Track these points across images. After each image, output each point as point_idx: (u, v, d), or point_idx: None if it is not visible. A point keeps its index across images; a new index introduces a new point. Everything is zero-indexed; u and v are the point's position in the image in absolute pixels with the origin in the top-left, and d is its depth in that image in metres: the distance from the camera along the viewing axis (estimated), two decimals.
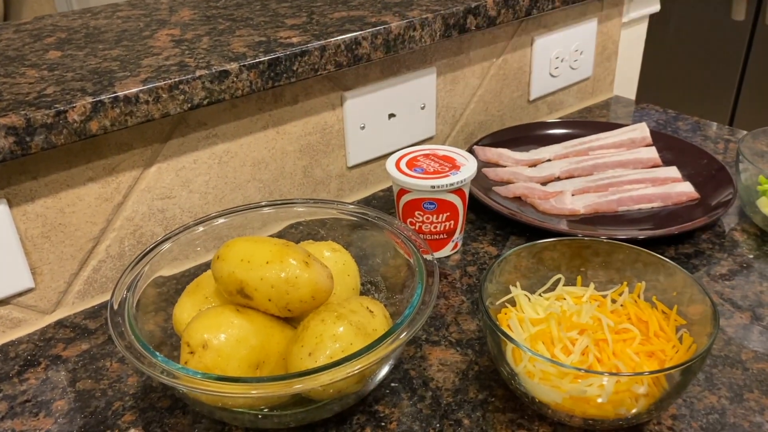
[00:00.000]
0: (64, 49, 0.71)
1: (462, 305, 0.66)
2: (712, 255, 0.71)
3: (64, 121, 0.56)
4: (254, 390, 0.45)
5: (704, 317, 0.51)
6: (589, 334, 0.52)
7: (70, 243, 0.65)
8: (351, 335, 0.49)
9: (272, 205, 0.63)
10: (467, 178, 0.69)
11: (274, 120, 0.74)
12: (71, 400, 0.56)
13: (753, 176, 0.74)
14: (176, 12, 0.83)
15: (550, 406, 0.50)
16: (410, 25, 0.76)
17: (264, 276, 0.50)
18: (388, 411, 0.54)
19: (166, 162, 0.68)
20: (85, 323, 0.65)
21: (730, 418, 0.52)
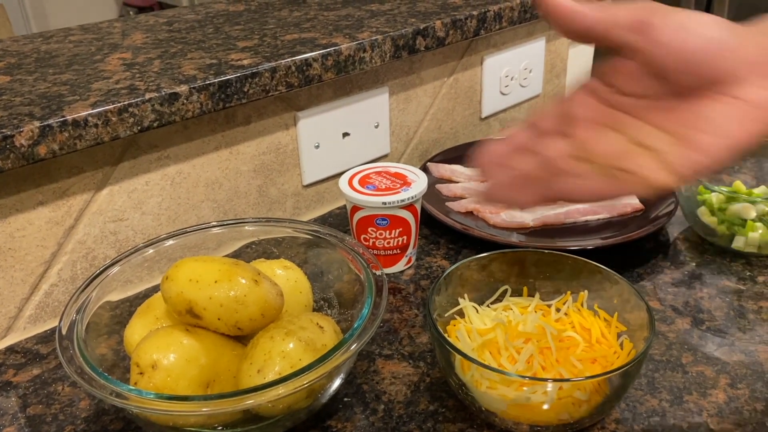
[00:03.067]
0: (13, 74, 0.71)
1: (415, 318, 0.67)
2: (656, 263, 0.74)
3: (11, 146, 0.56)
4: (204, 408, 0.46)
5: (643, 323, 0.53)
6: (534, 343, 0.54)
7: (20, 267, 0.64)
8: (300, 351, 0.50)
9: (222, 225, 0.64)
10: (418, 194, 0.70)
11: (227, 140, 0.75)
12: (22, 425, 0.56)
13: (693, 187, 0.76)
14: (129, 36, 0.84)
15: (497, 414, 0.51)
16: (360, 46, 0.78)
17: (213, 295, 0.50)
18: (340, 425, 0.55)
19: (118, 184, 0.68)
20: (37, 348, 0.65)
21: (671, 419, 0.54)
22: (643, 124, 0.41)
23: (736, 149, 0.39)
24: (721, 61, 0.38)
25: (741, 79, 0.39)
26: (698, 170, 0.39)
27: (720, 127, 0.39)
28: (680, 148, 0.39)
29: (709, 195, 0.75)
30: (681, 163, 0.39)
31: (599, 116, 0.41)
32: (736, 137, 0.39)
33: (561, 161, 0.41)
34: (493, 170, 0.43)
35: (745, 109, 0.39)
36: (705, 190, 0.76)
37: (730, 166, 0.40)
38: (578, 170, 0.41)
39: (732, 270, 0.73)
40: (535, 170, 0.42)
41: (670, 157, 0.40)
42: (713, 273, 0.72)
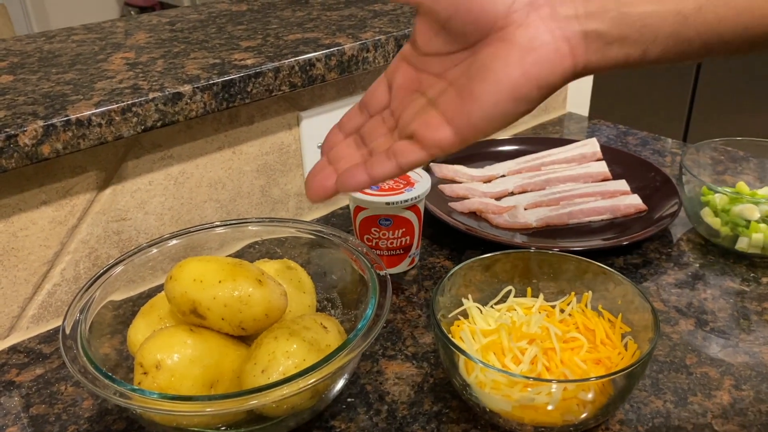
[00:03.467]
0: (16, 73, 0.71)
1: (418, 319, 0.67)
2: (659, 264, 0.74)
3: (14, 145, 0.56)
4: (208, 408, 0.45)
5: (647, 324, 0.53)
6: (538, 344, 0.54)
7: (23, 267, 0.64)
8: (304, 351, 0.50)
9: (226, 225, 0.64)
10: (421, 195, 0.70)
11: (230, 140, 0.75)
12: (24, 425, 0.56)
13: (696, 188, 0.76)
14: (132, 35, 0.84)
15: (501, 415, 0.51)
16: (363, 46, 0.78)
17: (217, 295, 0.50)
18: (344, 426, 0.54)
19: (121, 184, 0.68)
20: (40, 348, 0.65)
21: (675, 421, 0.54)
22: (440, 83, 0.41)
23: (515, 95, 0.38)
24: (493, 5, 0.38)
25: (515, 22, 0.38)
26: (476, 123, 0.39)
27: (493, 73, 0.38)
28: (459, 100, 0.39)
29: (712, 196, 0.75)
30: (459, 116, 0.39)
31: (411, 82, 0.42)
32: (511, 82, 0.38)
33: (379, 142, 0.43)
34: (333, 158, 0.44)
35: (516, 52, 0.38)
36: (708, 191, 0.76)
37: (520, 115, 0.39)
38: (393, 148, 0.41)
39: (735, 271, 0.72)
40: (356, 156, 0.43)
41: (449, 110, 0.39)
42: (717, 274, 0.72)
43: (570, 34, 0.38)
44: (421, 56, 0.42)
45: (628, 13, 0.37)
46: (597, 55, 0.38)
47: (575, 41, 0.38)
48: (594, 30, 0.38)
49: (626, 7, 0.37)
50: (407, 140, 0.41)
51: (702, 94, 2.20)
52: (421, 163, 0.41)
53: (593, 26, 0.38)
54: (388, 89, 0.44)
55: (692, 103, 2.25)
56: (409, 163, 0.41)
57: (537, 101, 0.39)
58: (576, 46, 0.38)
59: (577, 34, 0.38)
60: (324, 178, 0.43)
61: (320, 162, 0.45)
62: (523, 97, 0.38)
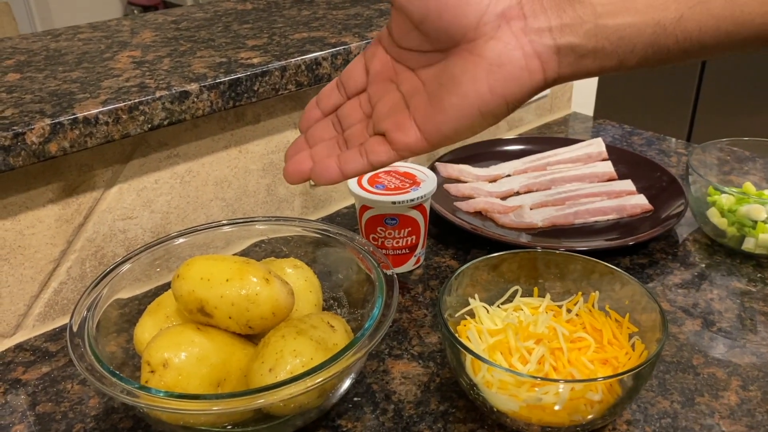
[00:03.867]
0: (23, 72, 0.71)
1: (424, 319, 0.67)
2: (665, 265, 0.74)
3: (22, 143, 0.56)
4: (215, 407, 0.45)
5: (655, 324, 0.53)
6: (545, 344, 0.54)
7: (29, 265, 0.64)
8: (311, 350, 0.50)
9: (233, 223, 0.64)
10: (427, 194, 0.70)
11: (236, 139, 0.75)
12: (31, 423, 0.56)
13: (703, 188, 0.76)
14: (138, 34, 0.84)
15: (509, 414, 0.51)
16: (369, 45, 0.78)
17: (224, 294, 0.50)
18: (350, 425, 0.54)
19: (128, 182, 0.68)
20: (46, 346, 0.65)
21: (682, 421, 0.54)
22: (413, 79, 0.41)
23: (482, 111, 0.38)
24: (464, 16, 0.37)
25: (485, 34, 0.37)
26: (445, 132, 0.39)
27: (461, 87, 0.38)
28: (429, 107, 0.39)
29: (719, 196, 0.75)
30: (428, 123, 0.39)
31: (387, 71, 0.42)
32: (479, 99, 0.37)
33: (354, 131, 0.43)
34: (310, 139, 0.45)
35: (484, 68, 0.37)
36: (715, 192, 0.76)
37: (487, 126, 0.40)
38: (366, 145, 0.42)
39: (742, 272, 0.72)
40: (332, 141, 0.44)
41: (420, 115, 0.40)
42: (723, 274, 0.72)
43: (542, 49, 0.37)
44: (397, 48, 0.41)
45: (605, 26, 0.36)
46: (570, 68, 0.38)
47: (547, 56, 0.37)
48: (567, 44, 0.37)
49: (603, 19, 0.36)
50: (379, 138, 0.41)
51: (706, 94, 2.20)
52: (391, 162, 0.42)
53: (567, 40, 0.37)
54: (365, 72, 0.44)
55: (696, 103, 2.24)
56: (380, 162, 0.41)
57: (505, 115, 0.39)
58: (548, 60, 0.37)
59: (549, 48, 0.37)
60: (300, 162, 0.43)
61: (298, 141, 0.45)
62: (490, 112, 0.38)
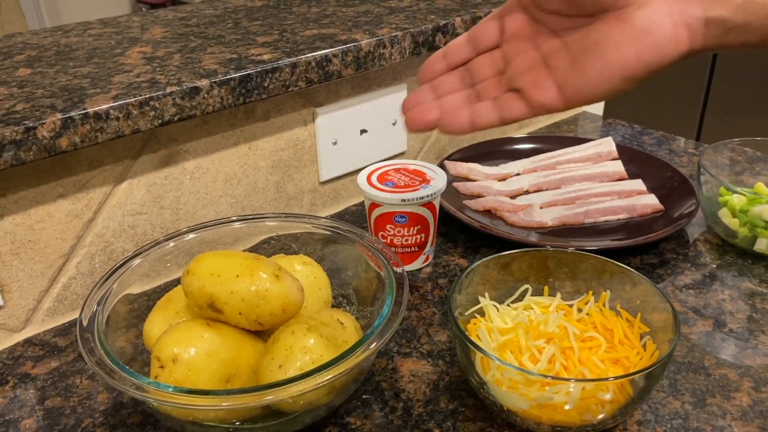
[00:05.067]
0: (34, 67, 0.71)
1: (433, 317, 0.66)
2: (676, 265, 0.73)
3: (33, 138, 0.56)
4: (225, 402, 0.45)
5: (666, 324, 0.53)
6: (556, 343, 0.53)
7: (39, 260, 0.64)
8: (321, 347, 0.50)
9: (243, 219, 0.63)
10: (437, 192, 0.70)
11: (245, 136, 0.75)
12: (40, 418, 0.56)
13: (714, 188, 0.76)
14: (148, 30, 0.84)
15: (519, 413, 0.51)
16: (380, 42, 0.77)
17: (234, 289, 0.50)
18: (359, 423, 0.54)
19: (137, 178, 0.68)
20: (55, 341, 0.65)
21: (693, 422, 0.53)
22: (555, 41, 0.42)
23: (625, 76, 0.39)
24: None
25: (636, 1, 0.38)
26: (584, 94, 0.40)
27: (606, 52, 0.39)
28: (572, 70, 0.40)
29: (730, 196, 0.75)
30: (569, 84, 0.40)
31: (526, 31, 0.43)
32: (623, 64, 0.38)
33: (486, 86, 0.44)
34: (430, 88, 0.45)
35: (632, 35, 0.38)
36: (726, 192, 0.75)
37: (626, 91, 0.40)
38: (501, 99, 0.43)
39: (754, 272, 0.72)
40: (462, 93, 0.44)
41: (560, 76, 0.41)
42: (734, 275, 0.71)
43: (691, 20, 0.38)
44: (540, 11, 0.42)
45: (754, 2, 0.37)
46: (716, 40, 0.39)
47: (695, 27, 0.38)
48: (717, 17, 0.38)
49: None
50: (514, 93, 0.42)
51: (715, 94, 2.19)
52: (524, 118, 0.42)
53: (717, 13, 0.38)
54: (499, 30, 0.44)
55: (706, 103, 2.23)
56: (513, 117, 0.42)
57: (644, 81, 0.40)
58: (696, 32, 0.38)
59: (698, 19, 0.38)
60: (425, 111, 0.43)
61: (419, 91, 0.45)
62: (632, 77, 0.39)
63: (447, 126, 0.43)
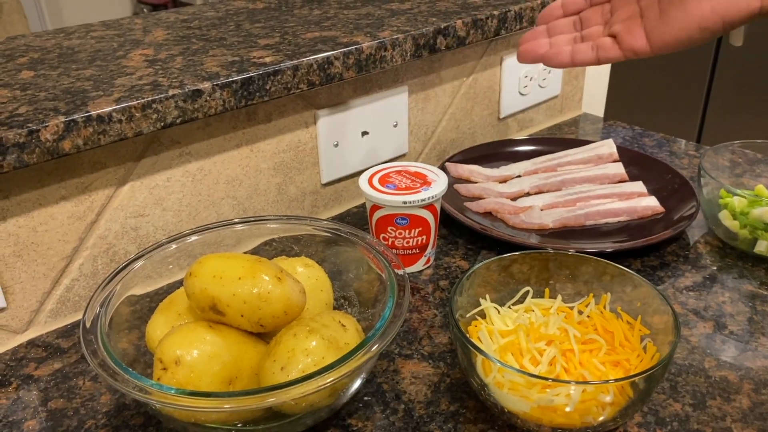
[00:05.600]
0: (37, 69, 0.71)
1: (434, 319, 0.67)
2: (676, 267, 0.73)
3: (36, 141, 0.57)
4: (227, 404, 0.46)
5: (667, 327, 0.53)
6: (557, 345, 0.54)
7: (42, 262, 0.65)
8: (323, 349, 0.50)
9: (245, 221, 0.64)
10: (438, 194, 0.70)
11: (247, 138, 0.75)
12: (43, 419, 0.56)
13: (714, 190, 0.76)
14: (150, 32, 0.84)
15: (519, 416, 0.51)
16: (381, 45, 0.78)
17: (236, 292, 0.50)
18: (361, 424, 0.54)
19: (140, 180, 0.69)
20: (58, 342, 0.65)
21: (694, 424, 0.53)
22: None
23: (705, 29, 0.45)
24: None
25: None
26: (668, 41, 0.47)
27: (688, 4, 0.46)
28: (659, 20, 0.48)
29: (731, 199, 0.75)
30: (655, 32, 0.48)
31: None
32: (700, 15, 0.45)
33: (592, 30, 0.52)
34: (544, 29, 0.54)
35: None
36: (727, 194, 0.75)
37: (705, 41, 0.47)
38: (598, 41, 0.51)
39: (754, 275, 0.72)
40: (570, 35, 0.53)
41: (649, 25, 0.48)
42: (735, 277, 0.72)
43: None
44: None
45: None
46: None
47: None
48: None
49: None
50: (610, 39, 0.50)
51: (716, 96, 2.19)
52: (616, 60, 0.50)
53: None
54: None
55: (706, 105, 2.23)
56: (607, 58, 0.50)
57: (721, 32, 0.46)
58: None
59: None
60: (537, 45, 0.53)
61: (537, 29, 0.54)
62: (708, 27, 0.45)
63: (550, 59, 0.52)
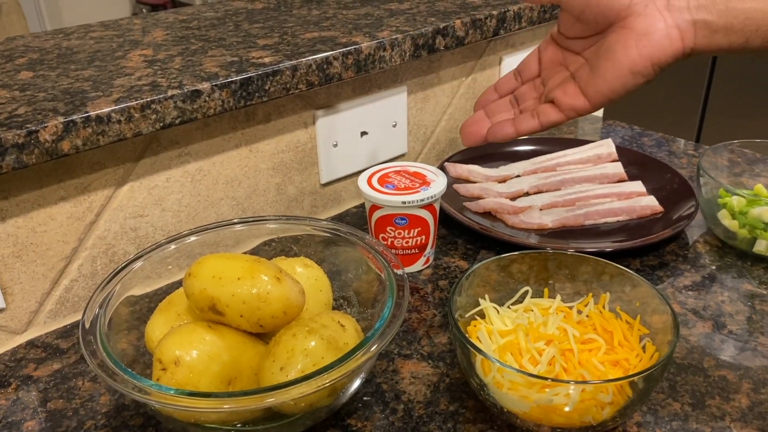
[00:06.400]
0: (36, 70, 0.71)
1: (434, 319, 0.67)
2: (675, 266, 0.74)
3: (35, 141, 0.57)
4: (226, 404, 0.46)
5: (666, 326, 0.53)
6: (556, 345, 0.54)
7: (41, 262, 0.65)
8: (322, 349, 0.50)
9: (244, 222, 0.64)
10: (437, 194, 0.70)
11: (246, 138, 0.75)
12: (42, 420, 0.56)
13: (713, 190, 0.76)
14: (149, 33, 0.84)
15: (519, 415, 0.51)
16: (380, 45, 0.78)
17: (235, 292, 0.50)
18: (360, 424, 0.54)
19: (139, 181, 0.69)
20: (57, 343, 0.65)
21: (693, 424, 0.53)
22: (579, 59, 0.53)
23: (637, 73, 0.48)
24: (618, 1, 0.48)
25: (635, 12, 0.47)
26: (604, 92, 0.50)
27: (615, 54, 0.48)
28: (591, 75, 0.50)
29: (730, 198, 0.75)
30: (590, 87, 0.50)
31: (557, 58, 0.55)
32: (630, 61, 0.48)
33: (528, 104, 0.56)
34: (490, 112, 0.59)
35: (634, 37, 0.47)
36: (726, 194, 0.75)
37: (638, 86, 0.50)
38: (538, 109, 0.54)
39: (753, 274, 0.72)
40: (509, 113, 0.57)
41: (583, 83, 0.51)
42: (734, 277, 0.72)
43: (681, 22, 0.46)
44: (565, 39, 0.54)
45: (734, 8, 0.45)
46: (704, 40, 0.46)
47: (685, 27, 0.46)
48: (702, 19, 0.46)
49: (732, 2, 0.45)
50: (549, 104, 0.53)
51: (715, 96, 2.19)
52: (559, 123, 0.53)
53: (702, 16, 0.46)
54: (538, 62, 0.57)
55: (705, 105, 2.23)
56: (549, 122, 0.53)
57: (651, 75, 0.48)
58: (686, 32, 0.46)
59: (687, 22, 0.46)
60: (479, 128, 0.57)
61: (477, 114, 0.59)
62: (639, 71, 0.48)
63: (495, 134, 0.55)
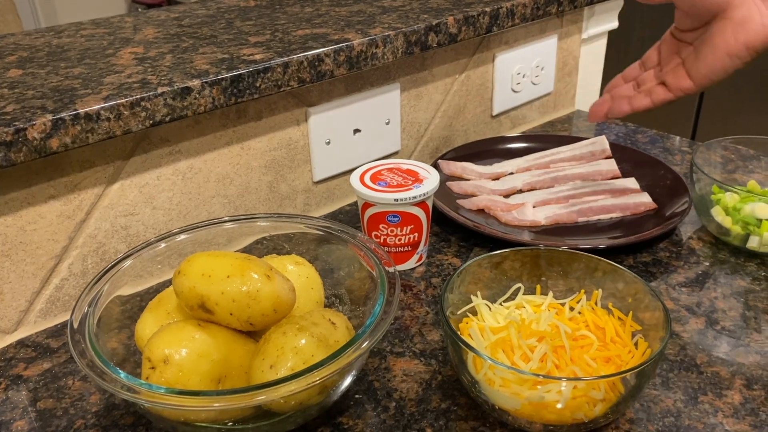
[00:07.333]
0: (25, 68, 0.70)
1: (426, 316, 0.66)
2: (669, 263, 0.73)
3: (23, 139, 0.56)
4: (216, 403, 0.45)
5: (658, 322, 0.53)
6: (548, 341, 0.53)
7: (31, 261, 0.64)
8: (312, 347, 0.49)
9: (235, 220, 0.63)
10: (430, 191, 0.70)
11: (238, 136, 0.75)
12: (32, 419, 0.56)
13: (707, 186, 0.76)
14: (140, 30, 0.84)
15: (510, 412, 0.51)
16: (372, 42, 0.77)
17: (225, 290, 0.50)
18: (352, 422, 0.54)
19: (129, 179, 0.68)
20: (47, 342, 0.65)
21: (686, 420, 0.53)
22: (689, 48, 0.64)
23: (733, 56, 0.58)
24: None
25: (734, 5, 0.57)
26: (705, 74, 0.61)
27: (714, 41, 0.59)
28: (695, 59, 0.61)
29: (723, 194, 0.75)
30: (694, 70, 0.62)
31: (673, 48, 0.66)
32: (727, 46, 0.58)
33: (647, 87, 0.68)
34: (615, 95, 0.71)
35: (731, 26, 0.57)
36: (719, 190, 0.75)
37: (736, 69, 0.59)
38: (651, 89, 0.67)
39: (746, 270, 0.72)
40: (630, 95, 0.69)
41: (689, 66, 0.63)
42: (727, 273, 0.72)
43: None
44: (679, 32, 0.65)
45: None
46: None
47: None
48: None
49: None
50: (661, 85, 0.65)
51: (711, 92, 2.19)
52: (668, 101, 0.65)
53: None
54: (658, 53, 0.68)
55: (701, 102, 2.23)
56: (660, 100, 0.66)
57: (747, 59, 0.58)
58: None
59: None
60: (602, 107, 0.70)
61: (604, 96, 0.71)
62: (735, 54, 0.58)
63: (614, 111, 0.69)
